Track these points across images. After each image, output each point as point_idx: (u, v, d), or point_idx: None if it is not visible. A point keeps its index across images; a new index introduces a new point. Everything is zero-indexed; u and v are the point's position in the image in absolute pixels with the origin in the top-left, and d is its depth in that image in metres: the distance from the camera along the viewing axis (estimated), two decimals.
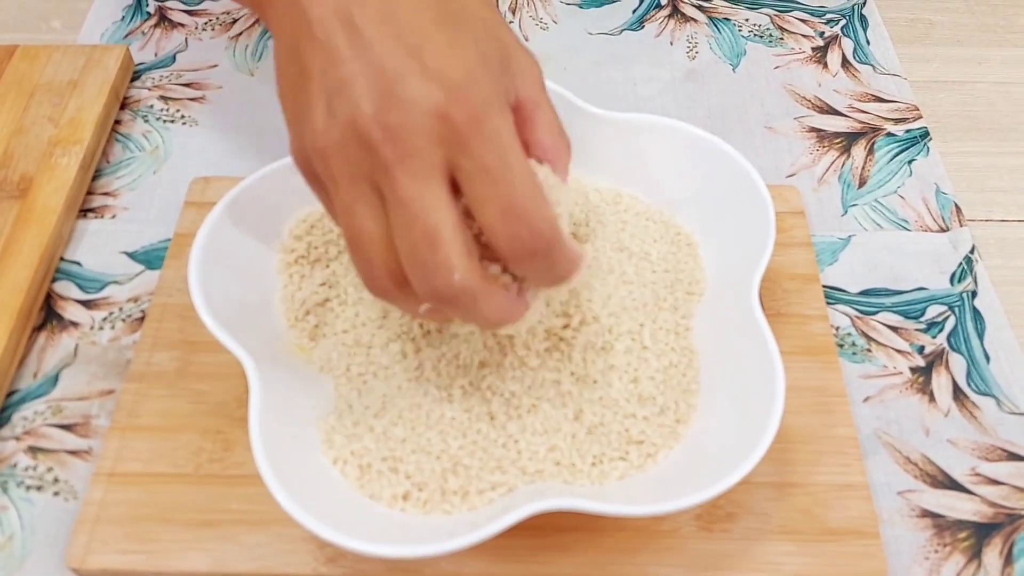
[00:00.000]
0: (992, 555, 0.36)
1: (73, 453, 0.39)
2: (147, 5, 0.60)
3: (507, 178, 0.28)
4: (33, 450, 0.39)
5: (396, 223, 0.28)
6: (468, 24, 0.30)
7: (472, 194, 0.28)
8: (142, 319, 0.43)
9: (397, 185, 0.28)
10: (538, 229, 0.28)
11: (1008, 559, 0.36)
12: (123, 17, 0.59)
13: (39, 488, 0.38)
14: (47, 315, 0.44)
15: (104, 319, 0.44)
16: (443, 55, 0.28)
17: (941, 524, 0.37)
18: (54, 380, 0.41)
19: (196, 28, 0.58)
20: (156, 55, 0.57)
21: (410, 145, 0.27)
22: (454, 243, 0.28)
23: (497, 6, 0.60)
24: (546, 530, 0.35)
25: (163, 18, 0.59)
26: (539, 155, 0.32)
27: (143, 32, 0.58)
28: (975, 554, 0.36)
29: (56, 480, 0.38)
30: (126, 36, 0.58)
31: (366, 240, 0.29)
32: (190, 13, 0.59)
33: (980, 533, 0.37)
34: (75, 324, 0.43)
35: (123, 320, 0.44)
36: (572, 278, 0.31)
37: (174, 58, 0.56)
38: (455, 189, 0.29)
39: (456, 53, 0.28)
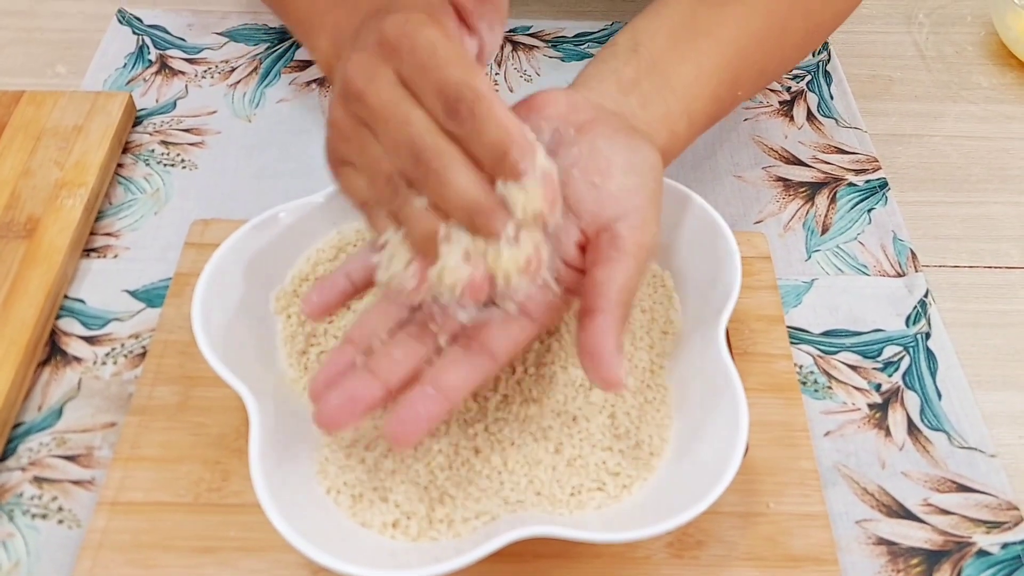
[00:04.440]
0: None
1: (76, 483, 0.41)
2: (148, 53, 0.62)
3: (436, 62, 0.31)
4: (38, 480, 0.41)
5: (381, 128, 0.33)
6: None
7: (416, 89, 0.32)
8: (143, 355, 0.45)
9: (370, 105, 0.33)
10: (461, 80, 0.31)
11: None
12: (125, 64, 0.62)
13: (44, 516, 0.40)
14: (52, 350, 0.46)
15: (107, 354, 0.46)
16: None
17: (895, 551, 0.40)
18: (58, 413, 0.43)
19: (196, 76, 0.61)
20: (157, 101, 0.59)
21: (367, 72, 0.33)
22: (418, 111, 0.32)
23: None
24: (526, 556, 0.37)
25: (164, 66, 0.61)
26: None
27: (144, 79, 0.61)
28: None
29: (60, 509, 0.40)
30: (128, 83, 0.60)
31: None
32: (190, 61, 0.62)
33: (931, 560, 0.39)
34: (78, 359, 0.45)
35: (125, 356, 0.46)
36: (514, 158, 0.31)
37: (175, 104, 0.59)
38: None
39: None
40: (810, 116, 0.59)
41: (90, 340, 0.46)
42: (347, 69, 0.33)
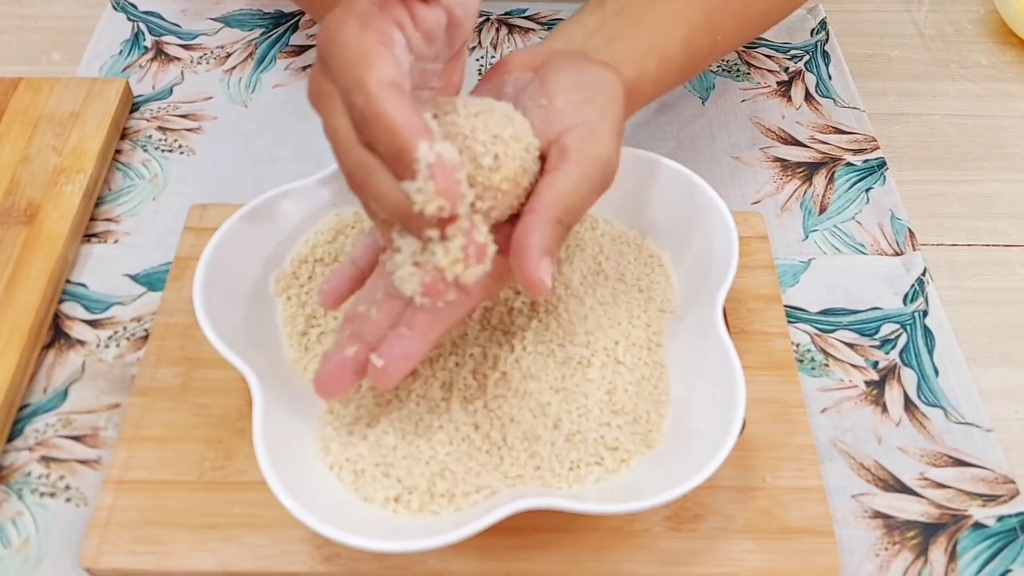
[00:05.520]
0: (937, 552, 0.39)
1: (83, 462, 0.41)
2: (144, 39, 0.62)
3: (340, 65, 0.31)
4: (45, 460, 0.41)
5: (330, 144, 0.33)
6: None
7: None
8: (145, 337, 0.46)
9: (318, 113, 0.33)
10: (355, 82, 0.30)
11: (952, 556, 0.39)
12: (121, 51, 0.62)
13: (52, 495, 0.40)
14: (55, 334, 0.46)
15: (109, 337, 0.46)
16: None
17: (891, 524, 0.40)
18: (63, 395, 0.44)
19: (191, 62, 0.61)
20: (154, 87, 0.59)
21: (314, 88, 0.33)
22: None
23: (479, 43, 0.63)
24: (526, 530, 0.37)
25: (160, 52, 0.62)
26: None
27: (140, 65, 0.61)
28: (922, 551, 0.39)
29: (68, 487, 0.41)
30: (124, 69, 0.60)
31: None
32: (185, 47, 0.62)
33: (927, 532, 0.40)
34: (82, 342, 0.46)
35: (127, 338, 0.46)
36: (403, 157, 0.30)
37: (171, 90, 0.59)
38: None
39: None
40: (808, 96, 0.59)
41: (93, 324, 0.47)
42: (308, 83, 0.34)
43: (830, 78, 0.61)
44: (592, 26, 0.41)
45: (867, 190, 0.54)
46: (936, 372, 0.45)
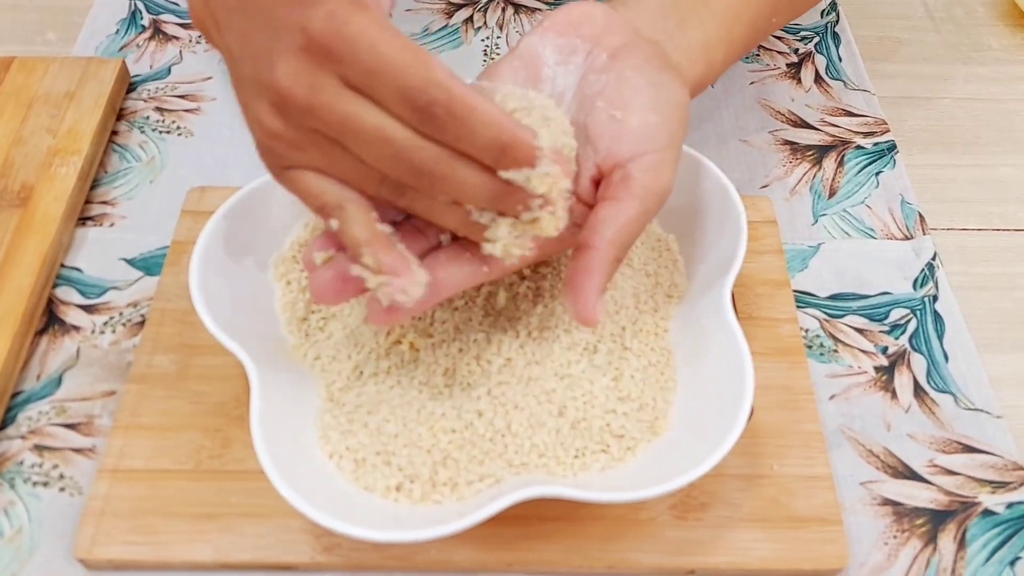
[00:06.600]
0: (947, 540, 0.39)
1: (77, 451, 0.41)
2: (141, 18, 0.61)
3: (386, 64, 0.29)
4: (38, 448, 0.41)
5: (352, 143, 0.30)
6: None
7: (373, 96, 0.30)
8: (142, 323, 0.45)
9: (327, 120, 0.30)
10: (425, 81, 0.29)
11: (961, 543, 0.39)
12: (117, 30, 0.61)
13: (45, 484, 0.40)
14: (49, 319, 0.45)
15: (105, 323, 0.45)
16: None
17: (900, 511, 0.40)
18: (57, 382, 0.43)
19: (190, 41, 0.60)
20: (151, 67, 0.58)
21: (306, 83, 0.30)
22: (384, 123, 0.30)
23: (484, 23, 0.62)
24: (530, 520, 0.37)
25: (157, 31, 0.61)
26: None
27: (138, 45, 0.60)
28: (931, 539, 0.39)
29: (61, 477, 0.40)
30: (121, 49, 0.59)
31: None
32: (184, 26, 0.61)
33: (936, 520, 0.39)
34: (76, 328, 0.45)
35: (123, 324, 0.45)
36: (523, 147, 0.30)
37: (169, 70, 0.58)
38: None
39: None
40: (818, 78, 0.58)
41: (88, 309, 0.46)
42: (277, 79, 0.30)
43: (840, 60, 0.60)
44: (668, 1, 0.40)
45: (877, 174, 0.53)
46: (946, 358, 0.45)
